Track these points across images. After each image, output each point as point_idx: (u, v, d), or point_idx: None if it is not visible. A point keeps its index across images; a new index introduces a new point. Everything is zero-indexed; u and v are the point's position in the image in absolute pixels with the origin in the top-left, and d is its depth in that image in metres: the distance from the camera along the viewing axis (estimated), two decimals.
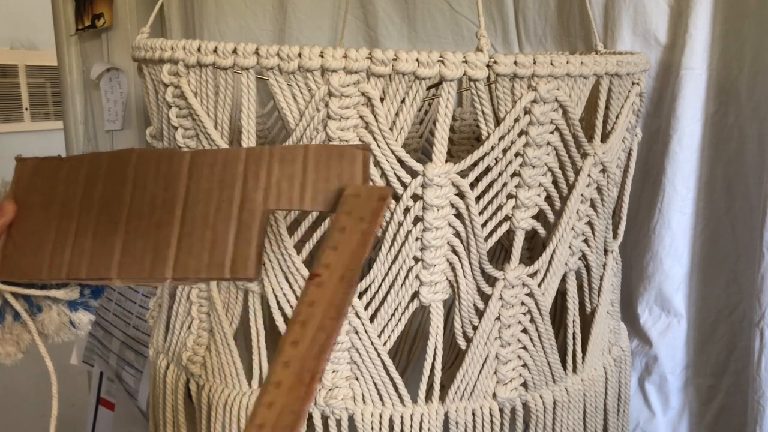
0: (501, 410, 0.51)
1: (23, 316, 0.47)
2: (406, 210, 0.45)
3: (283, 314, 0.48)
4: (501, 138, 0.45)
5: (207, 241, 0.37)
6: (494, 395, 0.51)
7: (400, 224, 0.45)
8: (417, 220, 0.45)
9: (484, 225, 0.47)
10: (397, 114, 0.44)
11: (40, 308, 0.49)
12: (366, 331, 0.47)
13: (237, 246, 0.36)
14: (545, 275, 0.51)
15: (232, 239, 0.37)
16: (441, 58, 0.42)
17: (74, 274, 0.39)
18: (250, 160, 0.38)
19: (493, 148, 0.45)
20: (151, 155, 0.41)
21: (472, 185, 0.46)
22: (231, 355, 0.51)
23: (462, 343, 0.50)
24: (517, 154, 0.46)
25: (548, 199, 0.50)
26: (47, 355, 0.46)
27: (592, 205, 0.53)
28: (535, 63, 0.44)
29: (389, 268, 0.46)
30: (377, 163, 0.44)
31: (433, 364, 0.49)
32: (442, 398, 0.50)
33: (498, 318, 0.49)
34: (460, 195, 0.45)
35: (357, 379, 0.49)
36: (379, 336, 0.48)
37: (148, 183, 0.39)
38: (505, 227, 0.48)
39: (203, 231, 0.37)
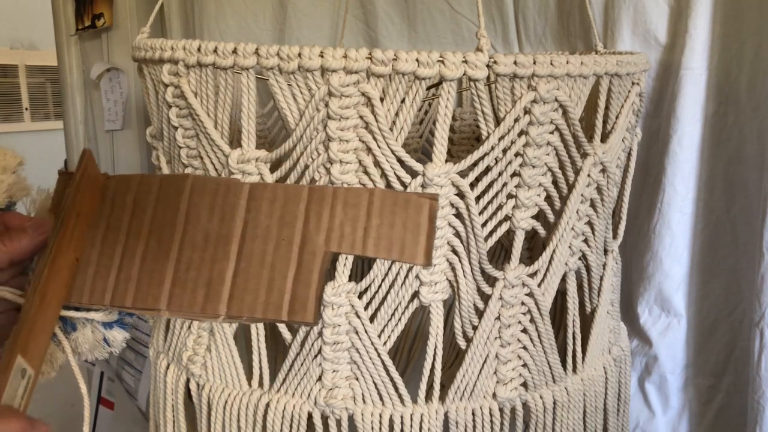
0: (501, 410, 0.51)
1: (58, 336, 0.44)
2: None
3: None
4: (501, 138, 0.45)
5: (264, 280, 0.35)
6: (494, 395, 0.51)
7: None
8: None
9: (484, 225, 0.47)
10: (397, 114, 0.44)
11: (74, 326, 0.46)
12: (366, 331, 0.47)
13: (296, 288, 0.35)
14: (545, 275, 0.51)
15: (291, 280, 0.35)
16: (441, 58, 0.42)
17: (119, 301, 0.37)
18: (312, 200, 0.37)
19: (493, 148, 0.45)
20: (207, 183, 0.39)
21: (472, 185, 0.46)
22: (231, 355, 0.51)
23: (462, 343, 0.50)
24: (517, 154, 0.46)
25: (548, 199, 0.50)
26: (81, 377, 0.44)
27: (592, 205, 0.53)
28: (535, 63, 0.44)
29: (389, 268, 0.46)
30: (377, 163, 0.44)
31: (433, 364, 0.49)
32: (442, 398, 0.50)
33: (498, 318, 0.49)
34: (460, 195, 0.45)
35: (357, 379, 0.49)
36: (379, 336, 0.48)
37: (203, 213, 0.38)
38: (505, 227, 0.48)
39: (260, 269, 0.36)
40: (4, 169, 0.42)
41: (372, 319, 0.47)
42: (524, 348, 0.51)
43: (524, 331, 0.51)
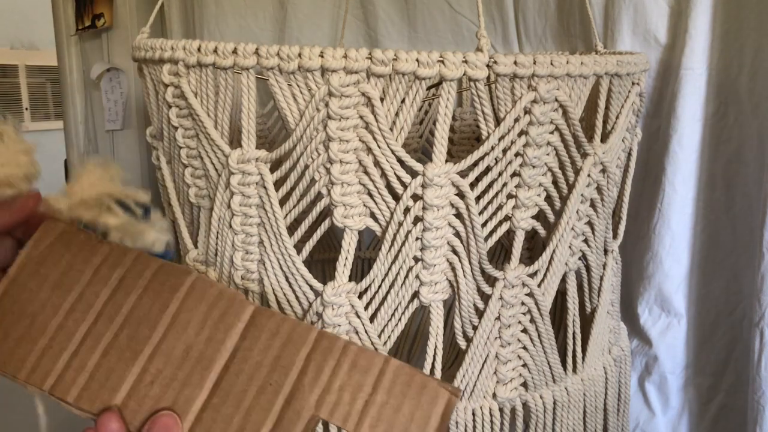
0: (501, 410, 0.51)
1: None
2: (406, 210, 0.45)
3: (284, 313, 0.48)
4: (501, 138, 0.45)
5: (233, 427, 0.30)
6: (494, 395, 0.51)
7: (400, 224, 0.45)
8: (417, 220, 0.45)
9: (484, 225, 0.47)
10: (397, 114, 0.44)
11: None
12: (366, 331, 0.47)
13: None
14: (545, 275, 0.51)
15: None
16: (441, 58, 0.42)
17: (60, 391, 0.31)
18: (317, 348, 0.32)
19: (493, 148, 0.45)
20: (208, 289, 0.33)
21: (472, 185, 0.46)
22: None
23: (462, 343, 0.50)
24: (517, 154, 0.46)
25: (548, 199, 0.50)
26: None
27: (592, 205, 0.53)
28: (535, 63, 0.44)
29: (389, 268, 0.46)
30: (377, 163, 0.44)
31: (433, 364, 0.49)
32: None
33: (498, 318, 0.49)
34: (460, 195, 0.45)
35: None
36: (379, 336, 0.48)
37: (193, 323, 0.32)
38: (505, 227, 0.48)
39: (233, 412, 0.30)
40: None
41: (372, 319, 0.47)
42: (524, 348, 0.51)
43: (524, 331, 0.51)
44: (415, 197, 0.45)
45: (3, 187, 0.36)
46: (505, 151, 0.46)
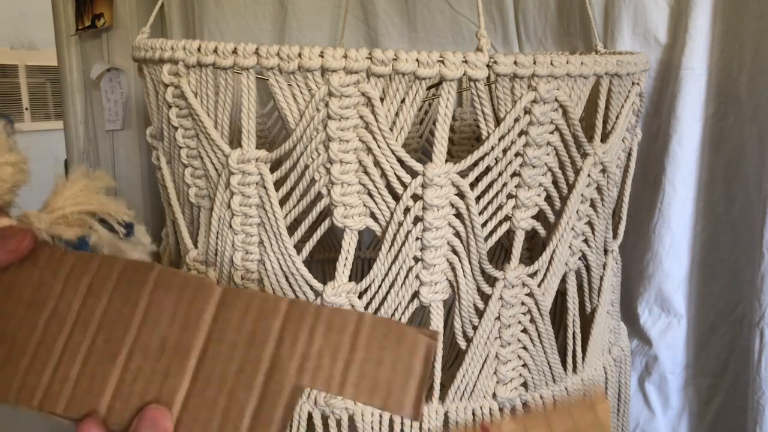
0: (501, 410, 0.51)
1: None
2: (406, 210, 0.45)
3: None
4: (501, 138, 0.45)
5: (219, 408, 0.30)
6: (494, 395, 0.51)
7: (400, 224, 0.45)
8: (417, 220, 0.45)
9: (484, 225, 0.47)
10: (397, 114, 0.44)
11: None
12: None
13: (254, 425, 0.30)
14: (545, 275, 0.51)
15: (250, 415, 0.30)
16: (441, 58, 0.42)
17: (49, 405, 0.31)
18: (290, 317, 0.32)
19: (493, 148, 0.45)
20: (173, 279, 0.33)
21: (472, 185, 0.46)
22: None
23: (462, 343, 0.50)
24: (517, 154, 0.46)
25: (548, 199, 0.50)
26: None
27: (592, 205, 0.53)
28: (535, 63, 0.44)
29: (389, 268, 0.46)
30: (377, 163, 0.44)
31: (433, 364, 0.49)
32: (442, 398, 0.50)
33: (498, 318, 0.49)
34: (460, 195, 0.45)
35: None
36: None
37: (164, 315, 0.33)
38: (505, 227, 0.48)
39: (217, 395, 0.31)
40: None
41: None
42: (524, 348, 0.51)
43: (524, 331, 0.51)
44: (415, 197, 0.45)
45: None
46: (505, 151, 0.46)
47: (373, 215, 0.46)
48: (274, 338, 0.31)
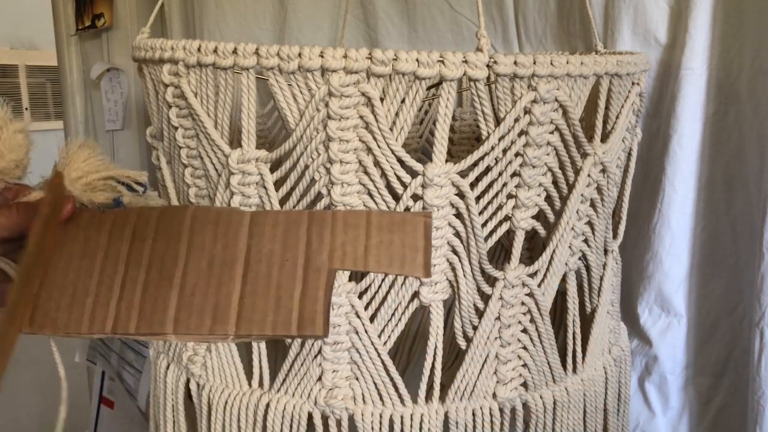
0: (501, 410, 0.51)
1: None
2: (406, 210, 0.45)
3: None
4: (501, 138, 0.45)
5: (271, 299, 0.36)
6: (494, 395, 0.51)
7: None
8: None
9: (484, 225, 0.47)
10: (397, 114, 0.44)
11: None
12: (366, 331, 0.47)
13: (303, 304, 0.36)
14: (545, 275, 0.51)
15: (298, 297, 0.36)
16: (441, 58, 0.42)
17: (122, 328, 0.37)
18: (313, 223, 0.38)
19: (493, 148, 0.45)
20: (208, 213, 0.40)
21: (472, 185, 0.46)
22: (231, 355, 0.51)
23: (462, 343, 0.50)
24: (517, 154, 0.46)
25: (548, 199, 0.50)
26: (56, 349, 0.42)
27: (592, 205, 0.53)
28: (535, 63, 0.44)
29: None
30: (377, 163, 0.44)
31: (433, 364, 0.49)
32: (442, 398, 0.50)
33: (498, 318, 0.49)
34: (460, 195, 0.45)
35: (357, 379, 0.49)
36: (379, 336, 0.48)
37: (206, 242, 0.39)
38: (505, 227, 0.48)
39: (267, 289, 0.37)
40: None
41: (372, 319, 0.47)
42: (524, 348, 0.51)
43: (524, 331, 0.51)
44: (415, 197, 0.45)
45: (12, 171, 0.40)
46: (505, 151, 0.46)
47: None
48: (303, 241, 0.38)
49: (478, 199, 0.46)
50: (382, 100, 0.43)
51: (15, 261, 0.41)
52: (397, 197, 0.45)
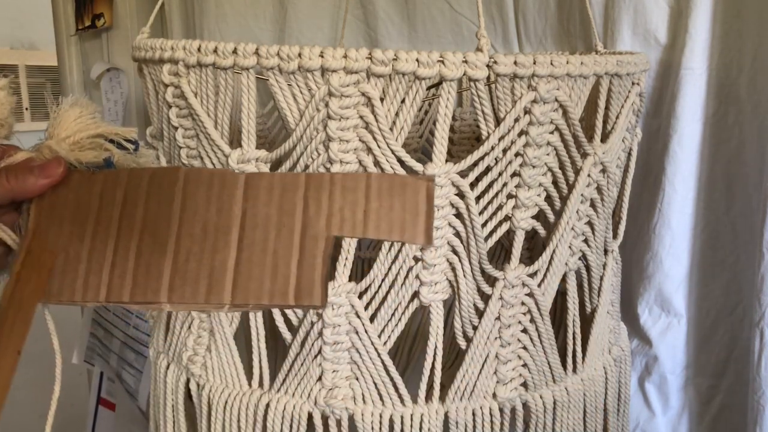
0: (501, 410, 0.51)
1: None
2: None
3: (283, 314, 0.48)
4: (501, 138, 0.45)
5: (268, 267, 0.35)
6: (494, 395, 0.51)
7: None
8: None
9: (484, 225, 0.47)
10: (397, 114, 0.44)
11: None
12: (366, 331, 0.47)
13: (301, 272, 0.35)
14: (545, 275, 0.51)
15: (295, 265, 0.35)
16: (441, 58, 0.42)
17: (115, 296, 0.36)
18: (310, 187, 0.37)
19: (493, 148, 0.45)
20: (201, 175, 0.38)
21: (472, 185, 0.46)
22: (231, 355, 0.51)
23: (462, 343, 0.50)
24: (517, 154, 0.46)
25: (548, 199, 0.50)
26: (54, 332, 0.41)
27: (592, 205, 0.53)
28: (535, 63, 0.44)
29: (389, 268, 0.46)
30: (377, 163, 0.44)
31: (433, 364, 0.49)
32: (442, 398, 0.50)
33: (498, 318, 0.49)
34: (460, 195, 0.45)
35: (357, 379, 0.49)
36: (379, 336, 0.48)
37: (200, 204, 0.37)
38: (505, 227, 0.48)
39: (263, 256, 0.35)
40: None
41: (372, 319, 0.47)
42: (524, 348, 0.51)
43: (524, 331, 0.51)
44: None
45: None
46: (505, 151, 0.46)
47: None
48: (300, 205, 0.36)
49: (478, 199, 0.46)
50: (382, 100, 0.43)
51: (9, 223, 0.40)
52: None
